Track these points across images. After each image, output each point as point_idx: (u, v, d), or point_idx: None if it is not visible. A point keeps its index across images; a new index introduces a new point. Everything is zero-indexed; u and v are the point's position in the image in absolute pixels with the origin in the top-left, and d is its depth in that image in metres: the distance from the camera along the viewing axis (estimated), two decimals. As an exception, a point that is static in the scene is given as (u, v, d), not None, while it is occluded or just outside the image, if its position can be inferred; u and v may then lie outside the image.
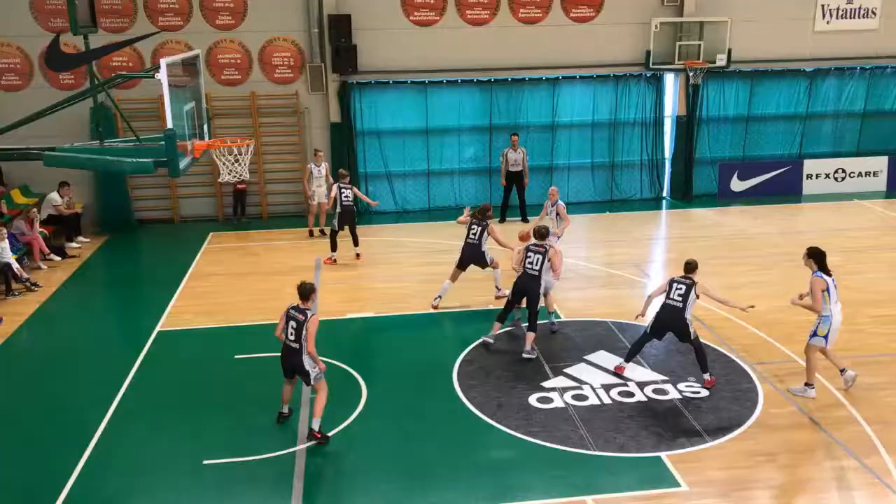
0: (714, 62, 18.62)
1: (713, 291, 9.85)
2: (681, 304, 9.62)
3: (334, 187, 14.98)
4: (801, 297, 9.52)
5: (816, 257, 9.38)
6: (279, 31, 17.86)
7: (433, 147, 18.93)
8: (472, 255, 12.37)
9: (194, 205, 18.52)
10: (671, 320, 9.73)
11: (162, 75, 7.43)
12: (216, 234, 17.41)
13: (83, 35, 8.08)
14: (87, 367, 10.96)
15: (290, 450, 8.59)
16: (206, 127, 9.28)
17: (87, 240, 16.97)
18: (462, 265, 12.51)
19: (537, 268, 10.74)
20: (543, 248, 10.81)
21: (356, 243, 15.21)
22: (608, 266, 14.71)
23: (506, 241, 12.37)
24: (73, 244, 16.50)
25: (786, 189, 19.89)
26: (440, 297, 12.55)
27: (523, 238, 12.18)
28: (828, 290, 9.22)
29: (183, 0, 17.37)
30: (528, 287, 10.75)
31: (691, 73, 18.84)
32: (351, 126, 18.34)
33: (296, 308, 8.52)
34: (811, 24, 19.37)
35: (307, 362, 8.52)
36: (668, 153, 19.95)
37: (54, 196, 16.49)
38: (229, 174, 9.00)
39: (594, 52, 18.73)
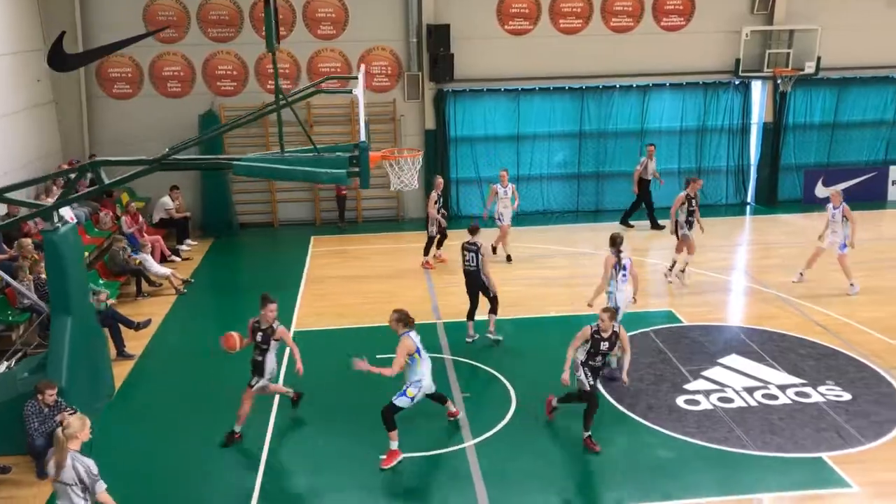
0: (802, 69, 18.80)
1: None
2: None
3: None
4: None
5: None
6: (378, 41, 18.34)
7: (523, 153, 19.31)
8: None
9: (292, 209, 19.04)
10: None
11: (359, 90, 7.83)
12: (317, 238, 17.90)
13: (272, 53, 8.46)
14: (239, 367, 11.31)
15: (460, 446, 8.99)
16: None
17: (195, 242, 17.52)
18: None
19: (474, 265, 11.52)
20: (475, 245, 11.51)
21: (426, 251, 15.71)
22: (713, 271, 14.94)
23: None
24: (184, 246, 17.05)
25: (871, 195, 19.96)
26: None
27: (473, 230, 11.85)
28: None
29: (287, 11, 17.88)
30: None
31: (780, 81, 19.03)
32: (445, 133, 18.76)
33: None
34: (901, 30, 19.50)
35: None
36: (753, 159, 20.16)
37: (166, 200, 17.03)
38: (400, 183, 9.43)
39: (684, 60, 19.00)
